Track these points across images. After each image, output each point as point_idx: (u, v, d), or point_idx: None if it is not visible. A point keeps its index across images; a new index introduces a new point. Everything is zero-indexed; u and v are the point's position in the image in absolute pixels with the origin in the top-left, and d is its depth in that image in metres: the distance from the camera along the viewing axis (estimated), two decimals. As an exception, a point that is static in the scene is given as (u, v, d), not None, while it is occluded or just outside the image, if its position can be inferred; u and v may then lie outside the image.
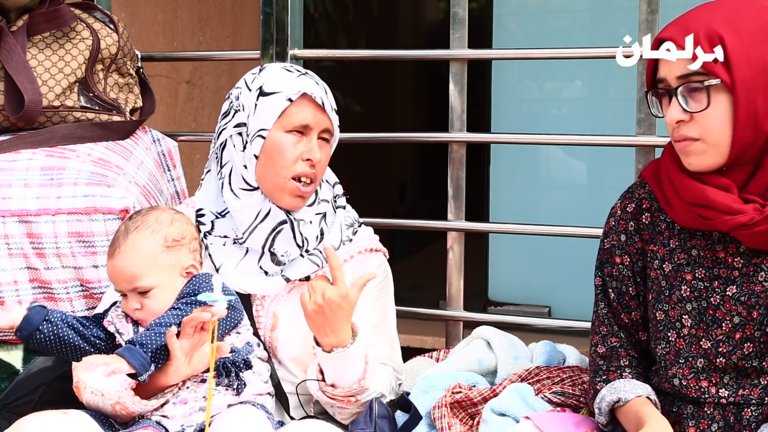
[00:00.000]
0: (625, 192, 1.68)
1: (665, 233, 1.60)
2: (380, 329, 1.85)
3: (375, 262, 1.87)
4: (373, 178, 5.36)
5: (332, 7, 4.47)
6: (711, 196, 1.48)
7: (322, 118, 1.76)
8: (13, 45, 2.06)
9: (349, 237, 1.86)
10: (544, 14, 3.61)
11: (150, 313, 1.65)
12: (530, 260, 3.55)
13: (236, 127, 1.77)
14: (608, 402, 1.58)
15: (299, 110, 1.74)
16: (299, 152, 1.74)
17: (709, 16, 1.47)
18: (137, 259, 1.65)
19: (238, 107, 1.78)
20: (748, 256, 1.53)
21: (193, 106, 3.66)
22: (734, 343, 1.53)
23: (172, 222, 1.71)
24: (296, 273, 1.78)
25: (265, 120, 1.74)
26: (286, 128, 1.74)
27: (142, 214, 1.72)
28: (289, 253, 1.76)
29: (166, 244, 1.68)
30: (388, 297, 1.90)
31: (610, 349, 1.65)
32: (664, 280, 1.59)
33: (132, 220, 1.70)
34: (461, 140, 2.34)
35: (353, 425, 1.72)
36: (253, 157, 1.75)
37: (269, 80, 1.76)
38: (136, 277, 1.65)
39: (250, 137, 1.75)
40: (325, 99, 1.77)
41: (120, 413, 1.62)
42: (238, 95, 1.79)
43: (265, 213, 1.75)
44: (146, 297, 1.65)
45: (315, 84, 1.77)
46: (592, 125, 3.43)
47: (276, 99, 1.74)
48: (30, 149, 2.06)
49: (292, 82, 1.75)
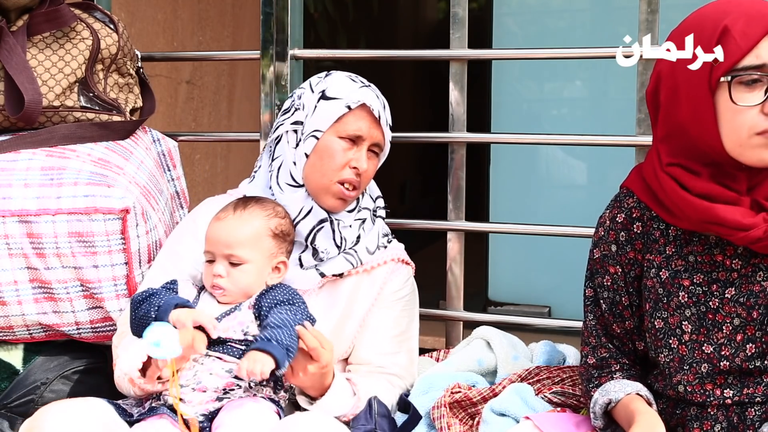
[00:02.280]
0: (612, 202, 1.67)
1: (660, 241, 1.59)
2: (401, 339, 1.91)
3: (405, 274, 1.95)
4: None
5: (332, 7, 4.48)
6: (721, 214, 1.47)
7: (376, 131, 1.84)
8: (13, 45, 2.06)
9: (385, 244, 1.93)
10: (544, 14, 3.61)
11: (234, 284, 1.70)
12: (530, 260, 3.55)
13: (293, 124, 1.84)
14: (601, 405, 1.58)
15: (356, 119, 1.81)
16: (348, 159, 1.81)
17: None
18: (246, 230, 1.72)
19: (299, 106, 1.85)
20: (747, 257, 1.52)
21: (193, 106, 3.66)
22: (736, 345, 1.53)
23: (285, 217, 1.79)
24: (331, 269, 1.84)
25: (321, 122, 1.81)
26: (340, 134, 1.81)
27: (260, 199, 1.79)
28: (328, 251, 1.83)
29: (274, 231, 1.75)
30: (414, 310, 1.97)
31: (600, 360, 1.66)
32: (661, 287, 1.58)
33: (250, 200, 1.78)
34: (461, 140, 2.34)
35: (354, 421, 1.75)
36: (303, 155, 1.82)
37: (333, 85, 1.84)
38: (239, 244, 1.70)
39: (304, 136, 1.83)
40: (382, 113, 1.85)
41: (134, 389, 1.67)
42: (300, 95, 1.87)
43: (307, 210, 1.82)
44: (236, 268, 1.70)
45: (375, 97, 1.85)
46: (592, 125, 3.43)
47: (336, 104, 1.81)
48: (30, 149, 2.05)
49: (354, 91, 1.83)
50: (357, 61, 5.26)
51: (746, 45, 1.43)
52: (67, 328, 2.00)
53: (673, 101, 1.51)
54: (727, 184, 1.50)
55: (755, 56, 1.43)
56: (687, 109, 1.49)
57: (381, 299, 1.89)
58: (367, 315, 1.88)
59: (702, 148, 1.49)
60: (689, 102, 1.48)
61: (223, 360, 1.67)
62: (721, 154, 1.48)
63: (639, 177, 1.62)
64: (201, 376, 1.66)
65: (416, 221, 2.53)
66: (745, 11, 1.45)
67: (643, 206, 1.61)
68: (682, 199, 1.50)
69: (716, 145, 1.47)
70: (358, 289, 1.88)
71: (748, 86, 1.44)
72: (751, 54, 1.43)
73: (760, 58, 1.43)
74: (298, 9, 2.41)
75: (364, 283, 1.88)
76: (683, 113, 1.49)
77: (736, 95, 1.44)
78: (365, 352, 1.88)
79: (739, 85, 1.44)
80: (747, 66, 1.43)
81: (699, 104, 1.47)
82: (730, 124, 1.45)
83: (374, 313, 1.89)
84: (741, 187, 1.50)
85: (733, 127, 1.45)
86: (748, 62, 1.43)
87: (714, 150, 1.48)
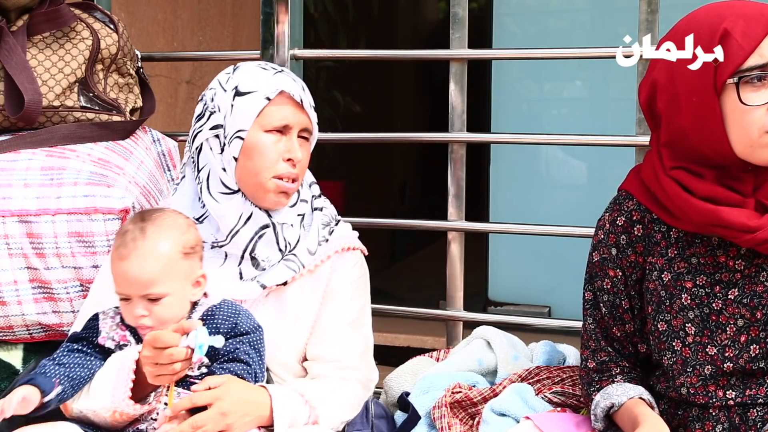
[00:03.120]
0: (611, 204, 1.66)
1: (662, 243, 1.58)
2: (354, 326, 1.80)
3: (350, 260, 1.82)
4: (373, 178, 5.37)
5: (332, 7, 4.48)
6: (727, 217, 1.46)
7: (302, 116, 1.72)
8: (13, 45, 2.06)
9: (326, 237, 1.81)
10: (544, 14, 3.61)
11: (158, 320, 1.57)
12: (530, 260, 3.55)
13: (212, 129, 1.72)
14: (602, 408, 1.57)
15: (278, 109, 1.69)
16: (280, 152, 1.69)
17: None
18: (155, 265, 1.56)
19: (214, 109, 1.72)
20: (750, 258, 1.52)
21: (193, 106, 3.63)
22: (740, 346, 1.52)
23: (189, 228, 1.64)
24: (272, 279, 1.74)
25: (242, 120, 1.69)
26: (266, 128, 1.69)
27: (155, 216, 1.62)
28: (270, 258, 1.73)
29: (184, 251, 1.60)
30: (364, 295, 1.85)
31: (600, 363, 1.65)
32: (663, 290, 1.57)
33: (146, 222, 1.60)
34: (461, 140, 2.34)
35: (350, 426, 1.72)
36: (232, 159, 1.70)
37: (244, 79, 1.71)
38: (151, 283, 1.56)
39: (227, 139, 1.70)
40: (303, 96, 1.72)
41: (120, 419, 1.61)
42: (212, 96, 1.74)
43: (247, 216, 1.71)
44: (156, 304, 1.57)
45: (292, 81, 1.73)
46: (592, 125, 3.43)
47: (253, 98, 1.69)
48: (30, 149, 2.05)
49: (268, 80, 1.70)
50: (357, 61, 5.28)
51: (749, 46, 1.43)
52: (67, 328, 1.99)
53: (675, 109, 1.50)
54: (732, 186, 1.50)
55: (759, 56, 1.44)
56: (690, 114, 1.48)
57: (328, 292, 1.78)
58: (318, 313, 1.78)
59: (707, 152, 1.49)
60: (692, 108, 1.48)
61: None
62: (728, 157, 1.48)
63: (637, 179, 1.62)
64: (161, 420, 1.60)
65: (416, 221, 2.53)
66: (743, 13, 1.46)
67: (644, 208, 1.60)
68: (686, 203, 1.50)
69: (724, 148, 1.47)
70: (303, 292, 1.77)
71: (755, 86, 1.45)
72: (755, 54, 1.44)
73: (764, 57, 1.44)
74: (298, 9, 2.41)
75: (309, 284, 1.78)
76: (686, 119, 1.49)
77: (744, 96, 1.45)
78: (316, 348, 1.77)
79: (746, 86, 1.45)
80: (752, 66, 1.44)
81: (704, 109, 1.47)
82: (739, 125, 1.46)
83: (323, 307, 1.78)
84: (746, 188, 1.50)
85: (743, 128, 1.46)
86: (753, 62, 1.44)
87: (721, 153, 1.48)
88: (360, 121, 5.07)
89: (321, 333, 1.77)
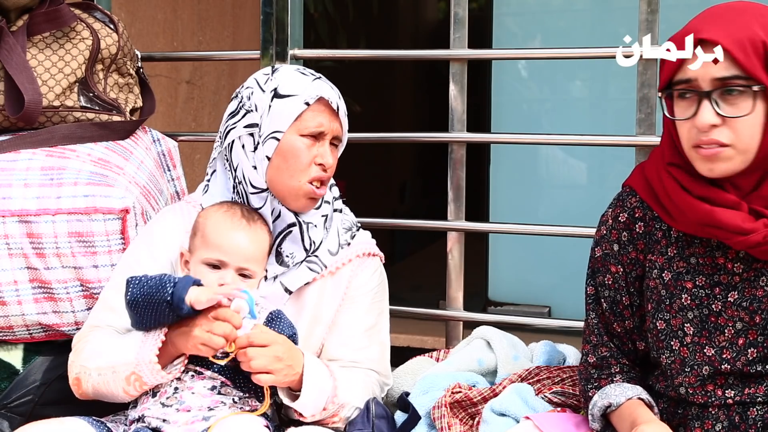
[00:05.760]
0: (615, 201, 1.66)
1: (662, 242, 1.59)
2: (372, 333, 1.85)
3: (371, 267, 1.87)
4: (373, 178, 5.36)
5: (332, 7, 4.48)
6: (720, 217, 1.46)
7: (335, 123, 1.77)
8: (13, 45, 2.06)
9: (347, 241, 1.85)
10: (544, 14, 3.61)
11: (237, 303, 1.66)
12: (530, 260, 3.55)
13: (247, 127, 1.75)
14: (600, 407, 1.57)
15: (315, 115, 1.74)
16: (313, 156, 1.74)
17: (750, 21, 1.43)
18: (263, 246, 1.71)
19: (250, 107, 1.76)
20: (749, 262, 1.52)
21: (193, 106, 3.66)
22: (738, 349, 1.52)
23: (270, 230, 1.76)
24: (296, 283, 1.78)
25: (280, 122, 1.73)
26: (302, 132, 1.73)
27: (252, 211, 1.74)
28: (294, 255, 1.77)
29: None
30: (383, 302, 1.90)
31: (600, 359, 1.65)
32: (663, 289, 1.58)
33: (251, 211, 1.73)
34: (461, 140, 2.34)
35: (350, 426, 1.73)
36: (264, 158, 1.73)
37: (284, 82, 1.75)
38: (255, 259, 1.69)
39: (262, 138, 1.74)
40: (339, 104, 1.78)
41: (132, 386, 1.61)
42: (249, 95, 1.77)
43: (276, 214, 1.76)
44: (245, 280, 1.68)
45: (330, 89, 1.78)
46: (592, 125, 3.43)
47: (292, 102, 1.73)
48: (30, 149, 2.05)
49: (308, 85, 1.75)
50: (357, 61, 5.27)
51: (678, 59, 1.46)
52: (67, 328, 2.00)
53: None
54: (726, 188, 1.50)
55: (684, 71, 1.46)
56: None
57: (348, 297, 1.83)
58: (336, 315, 1.82)
59: None
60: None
61: (204, 377, 1.64)
62: None
63: (641, 176, 1.62)
64: (183, 395, 1.63)
65: (416, 221, 2.53)
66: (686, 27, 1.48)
67: (646, 206, 1.61)
68: (683, 200, 1.50)
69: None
70: (323, 293, 1.81)
71: (684, 99, 1.47)
72: (682, 69, 1.46)
73: (686, 73, 1.45)
74: (298, 9, 2.41)
75: (329, 285, 1.82)
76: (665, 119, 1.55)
77: (677, 109, 1.48)
78: (335, 349, 1.81)
79: (678, 99, 1.48)
80: (678, 80, 1.47)
81: (665, 114, 1.52)
82: (679, 136, 1.50)
83: (342, 311, 1.82)
84: (739, 192, 1.50)
85: (681, 140, 1.50)
86: (679, 77, 1.47)
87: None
88: (360, 121, 5.07)
89: (339, 336, 1.82)
